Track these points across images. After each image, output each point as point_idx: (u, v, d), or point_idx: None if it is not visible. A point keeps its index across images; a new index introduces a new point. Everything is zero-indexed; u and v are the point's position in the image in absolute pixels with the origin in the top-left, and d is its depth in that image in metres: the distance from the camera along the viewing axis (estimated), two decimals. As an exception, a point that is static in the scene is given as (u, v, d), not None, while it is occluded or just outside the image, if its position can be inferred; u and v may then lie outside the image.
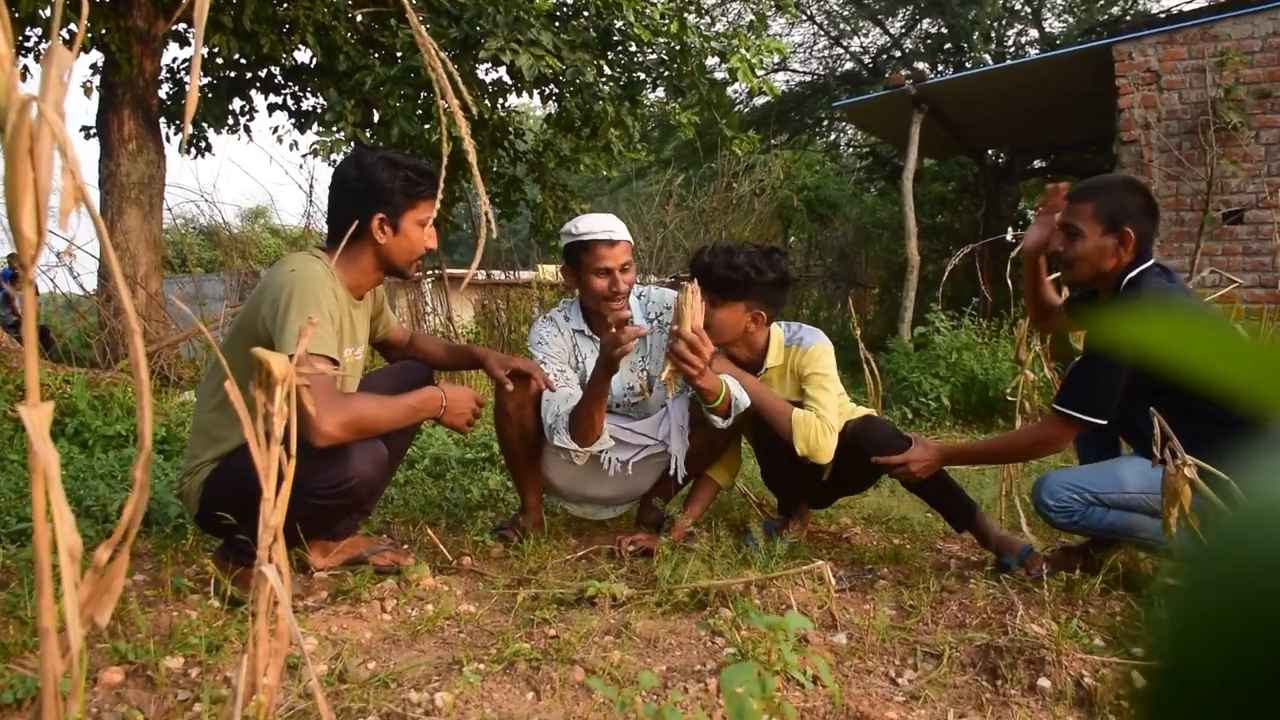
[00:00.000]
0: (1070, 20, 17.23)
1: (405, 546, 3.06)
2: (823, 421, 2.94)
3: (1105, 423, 2.59)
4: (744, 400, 2.99)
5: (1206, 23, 7.45)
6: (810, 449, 2.92)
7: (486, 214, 1.43)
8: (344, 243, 2.48)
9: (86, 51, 6.97)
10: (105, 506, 3.21)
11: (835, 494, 3.35)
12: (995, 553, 2.97)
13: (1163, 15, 13.33)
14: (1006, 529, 3.36)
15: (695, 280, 2.86)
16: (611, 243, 3.07)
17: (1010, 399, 4.18)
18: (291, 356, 1.35)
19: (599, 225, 3.09)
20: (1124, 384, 2.55)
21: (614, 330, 2.78)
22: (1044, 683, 2.04)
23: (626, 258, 3.12)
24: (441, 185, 2.28)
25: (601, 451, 3.08)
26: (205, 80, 8.11)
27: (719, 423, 3.00)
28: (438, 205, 2.52)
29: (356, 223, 2.53)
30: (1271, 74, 7.19)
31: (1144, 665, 0.30)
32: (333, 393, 2.38)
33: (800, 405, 3.02)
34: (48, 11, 6.00)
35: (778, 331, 3.19)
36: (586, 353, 3.24)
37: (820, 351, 3.12)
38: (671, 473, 3.19)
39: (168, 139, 7.49)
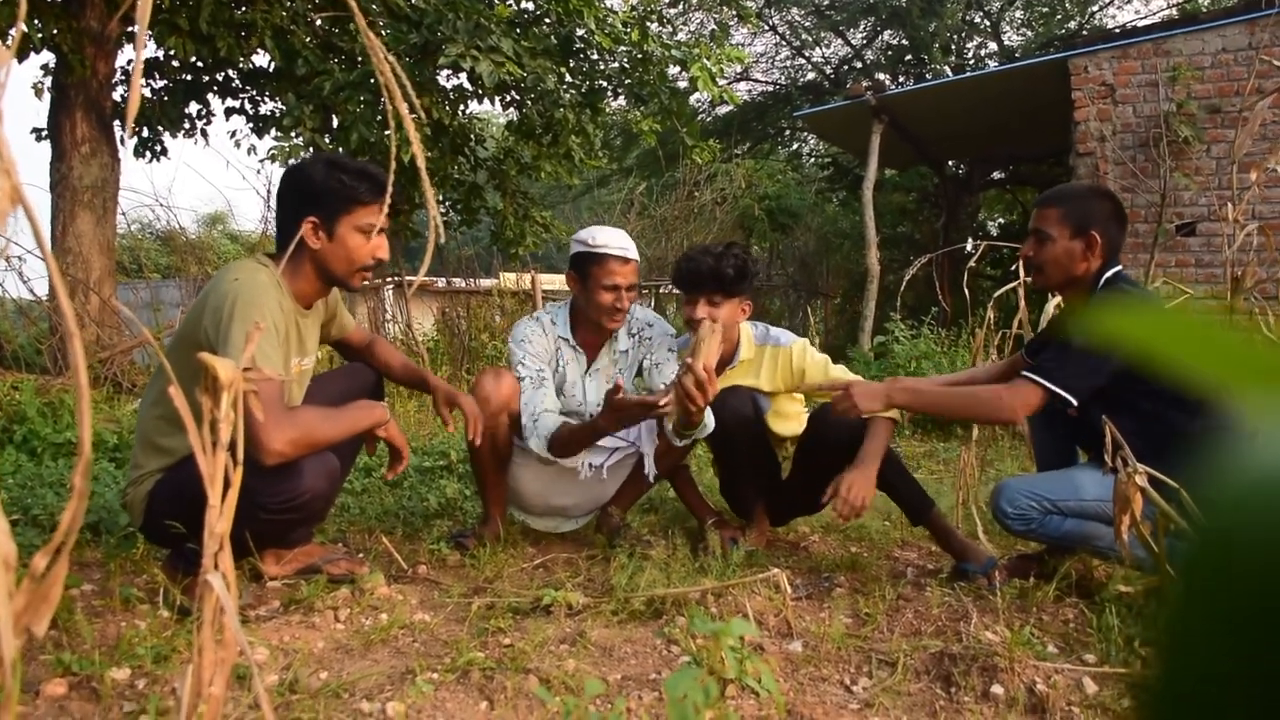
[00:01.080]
0: (1028, 34, 17.49)
1: (360, 555, 3.02)
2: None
3: (1075, 403, 2.57)
4: (710, 426, 3.02)
5: (1159, 38, 7.58)
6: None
7: (436, 220, 1.41)
8: (289, 250, 2.43)
9: (37, 52, 6.85)
10: (53, 515, 3.15)
11: (793, 510, 3.37)
12: (956, 557, 2.99)
13: (1118, 30, 13.58)
14: (963, 537, 3.39)
15: (710, 319, 2.85)
16: (625, 260, 3.09)
17: (967, 407, 4.21)
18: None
19: (615, 240, 3.10)
20: (1104, 375, 2.55)
21: (621, 396, 2.75)
22: (997, 690, 2.05)
23: (635, 278, 3.14)
24: (389, 191, 2.23)
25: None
26: (161, 83, 8.01)
27: (676, 442, 3.04)
28: (384, 213, 2.34)
29: (297, 228, 2.48)
30: (1221, 89, 7.32)
31: (1145, 655, 0.30)
32: (280, 409, 2.30)
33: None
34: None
35: (745, 327, 3.27)
36: (567, 360, 3.24)
37: (804, 346, 3.23)
38: (646, 471, 3.19)
39: (122, 142, 7.38)
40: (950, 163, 13.01)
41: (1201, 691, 0.27)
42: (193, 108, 8.29)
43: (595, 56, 8.10)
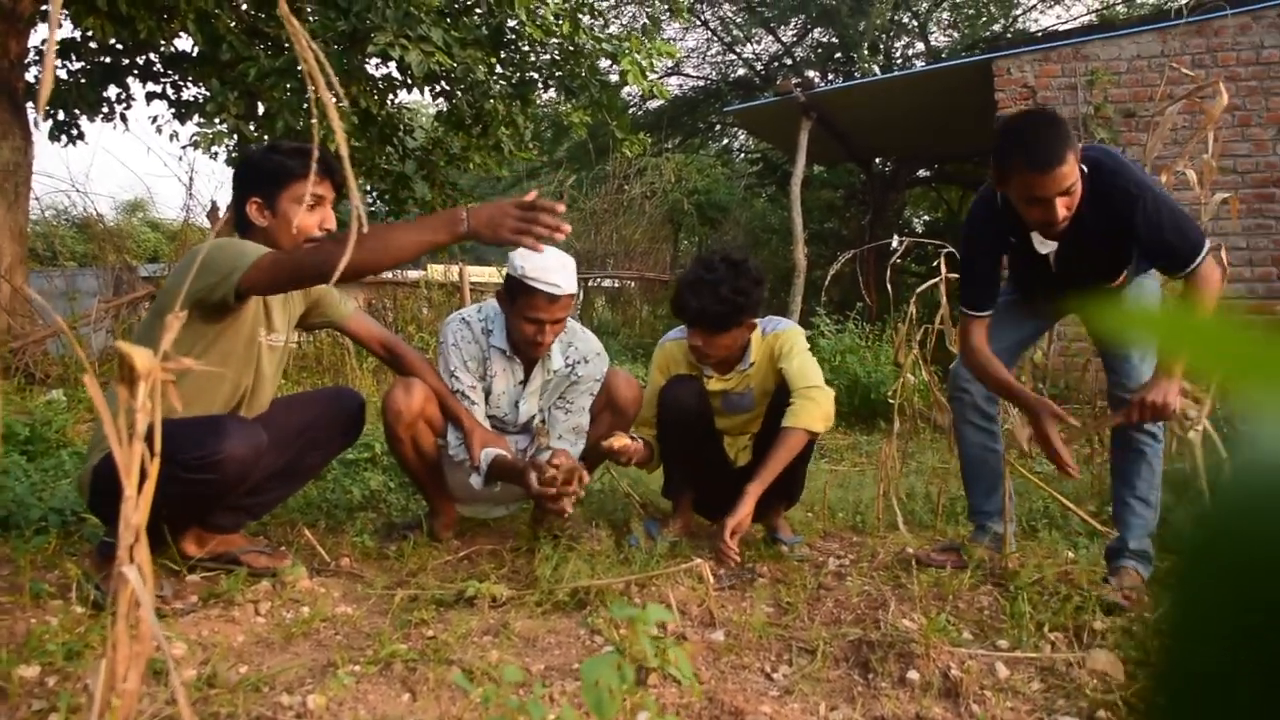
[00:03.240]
0: (955, 35, 17.81)
1: (282, 548, 2.99)
2: (816, 394, 3.04)
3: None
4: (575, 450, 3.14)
5: (1078, 43, 7.78)
6: (825, 417, 3.05)
7: (360, 211, 1.41)
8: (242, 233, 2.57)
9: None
10: (-39, 509, 3.06)
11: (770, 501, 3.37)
12: (774, 530, 3.27)
13: (1040, 34, 13.87)
14: (884, 528, 3.46)
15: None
16: (551, 298, 2.95)
17: (891, 401, 4.30)
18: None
19: (546, 275, 2.93)
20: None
21: (545, 478, 2.81)
22: (913, 675, 2.11)
23: (563, 314, 3.03)
24: (325, 165, 2.30)
25: None
26: (78, 65, 7.78)
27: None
28: (325, 185, 2.61)
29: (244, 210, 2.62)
30: (1136, 94, 7.53)
31: (1152, 628, 0.30)
32: (306, 250, 2.48)
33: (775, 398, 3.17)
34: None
35: (755, 333, 3.22)
36: (498, 370, 3.17)
37: (796, 333, 3.22)
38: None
39: (36, 125, 7.16)
40: (877, 160, 13.20)
41: (1204, 680, 0.28)
42: (112, 91, 8.07)
43: (526, 48, 8.08)
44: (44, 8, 7.07)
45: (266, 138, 6.93)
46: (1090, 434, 3.32)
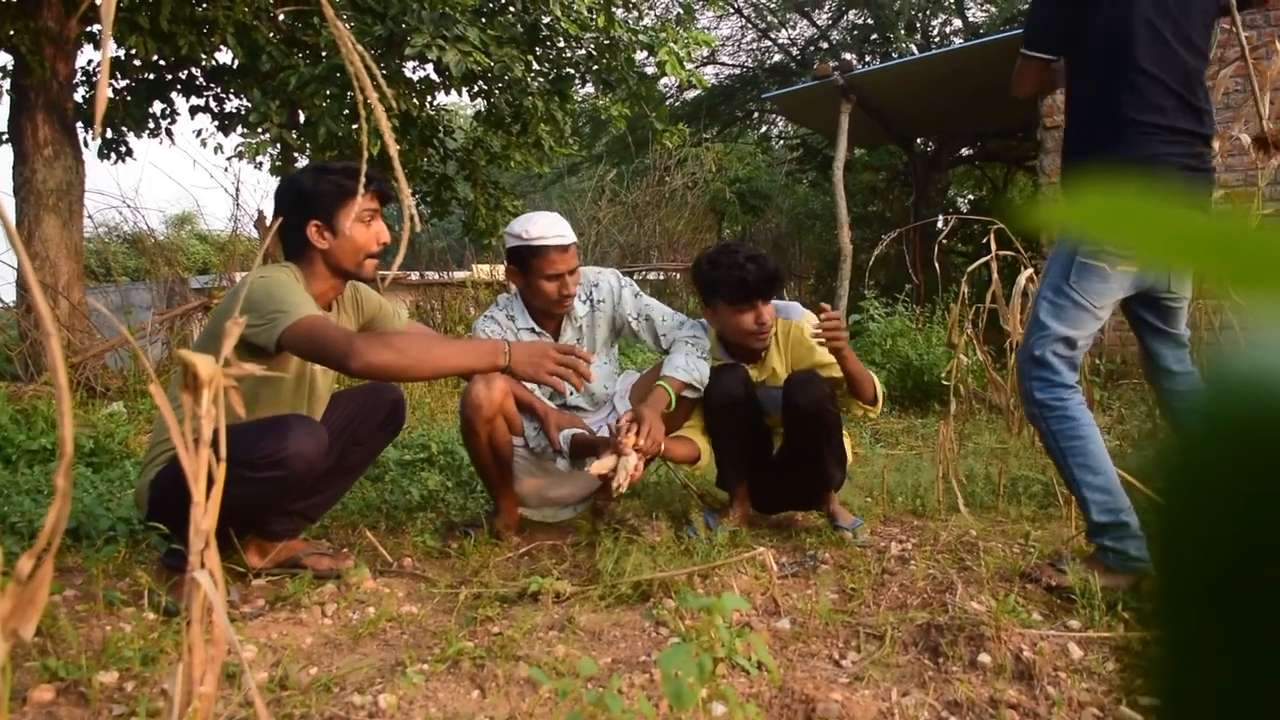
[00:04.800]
0: (992, 10, 17.53)
1: (344, 550, 3.02)
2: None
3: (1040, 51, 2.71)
4: (698, 376, 3.08)
5: (1122, 9, 7.62)
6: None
7: (411, 212, 1.41)
8: (297, 257, 2.65)
9: (-6, 53, 6.77)
10: (31, 522, 3.12)
11: (784, 496, 3.36)
12: (833, 517, 3.18)
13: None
14: (945, 510, 3.42)
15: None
16: (563, 248, 3.07)
17: (945, 382, 4.25)
18: (223, 360, 1.32)
19: (551, 230, 3.07)
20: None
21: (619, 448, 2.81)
22: (984, 658, 2.07)
23: (575, 261, 3.13)
24: (371, 179, 2.33)
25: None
26: (123, 83, 7.91)
27: (691, 395, 3.14)
28: (374, 198, 2.67)
29: (303, 234, 2.66)
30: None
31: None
32: (324, 335, 2.40)
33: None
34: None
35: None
36: None
37: (810, 321, 3.21)
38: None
39: (86, 144, 7.28)
40: (919, 140, 13.05)
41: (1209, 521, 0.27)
42: (156, 107, 8.19)
43: (562, 43, 8.07)
44: (89, 29, 7.19)
45: (309, 145, 6.99)
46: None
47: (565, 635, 2.28)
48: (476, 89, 8.09)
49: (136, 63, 7.69)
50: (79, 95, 7.38)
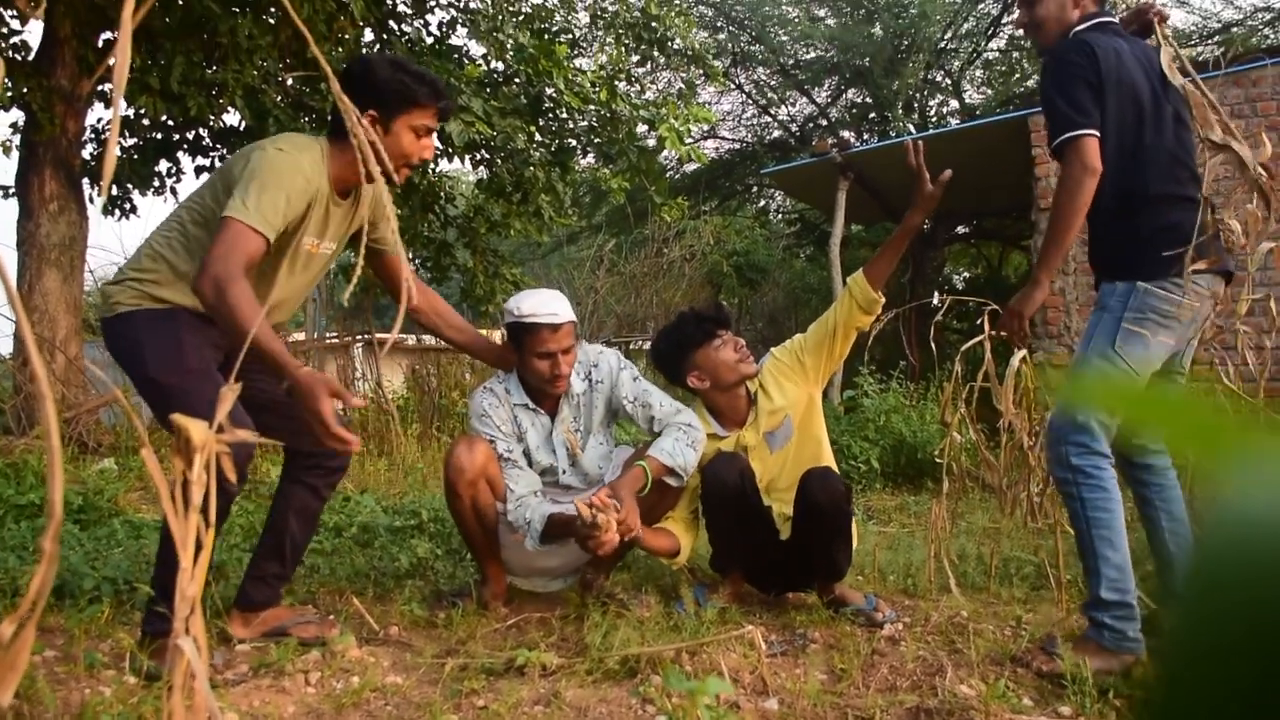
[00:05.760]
0: (989, 92, 17.86)
1: (331, 617, 2.98)
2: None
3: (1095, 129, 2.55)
4: (682, 463, 3.04)
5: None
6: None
7: (409, 280, 1.43)
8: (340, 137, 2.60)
9: (6, 110, 6.84)
10: (15, 580, 3.08)
11: (789, 578, 3.33)
12: (841, 602, 3.11)
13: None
14: (936, 590, 3.40)
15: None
16: (555, 327, 3.05)
17: (939, 460, 4.24)
18: (214, 425, 1.32)
19: (543, 308, 3.05)
20: (1087, 85, 2.57)
21: (589, 522, 2.77)
22: (973, 745, 2.05)
23: (569, 341, 3.10)
24: (440, 97, 2.54)
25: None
26: (131, 142, 8.00)
27: (673, 482, 3.11)
28: (435, 116, 2.66)
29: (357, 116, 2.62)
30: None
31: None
32: (237, 253, 2.36)
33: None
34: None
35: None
36: (527, 426, 3.23)
37: (781, 346, 3.42)
38: None
39: (91, 200, 7.35)
40: (915, 218, 13.16)
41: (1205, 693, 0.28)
42: (162, 166, 8.28)
43: (564, 115, 8.20)
44: (100, 88, 7.29)
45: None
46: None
47: (551, 711, 2.25)
48: (479, 157, 8.19)
49: (145, 122, 7.79)
50: (86, 152, 7.47)
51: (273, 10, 7.02)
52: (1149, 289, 2.55)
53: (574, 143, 8.37)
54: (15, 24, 7.01)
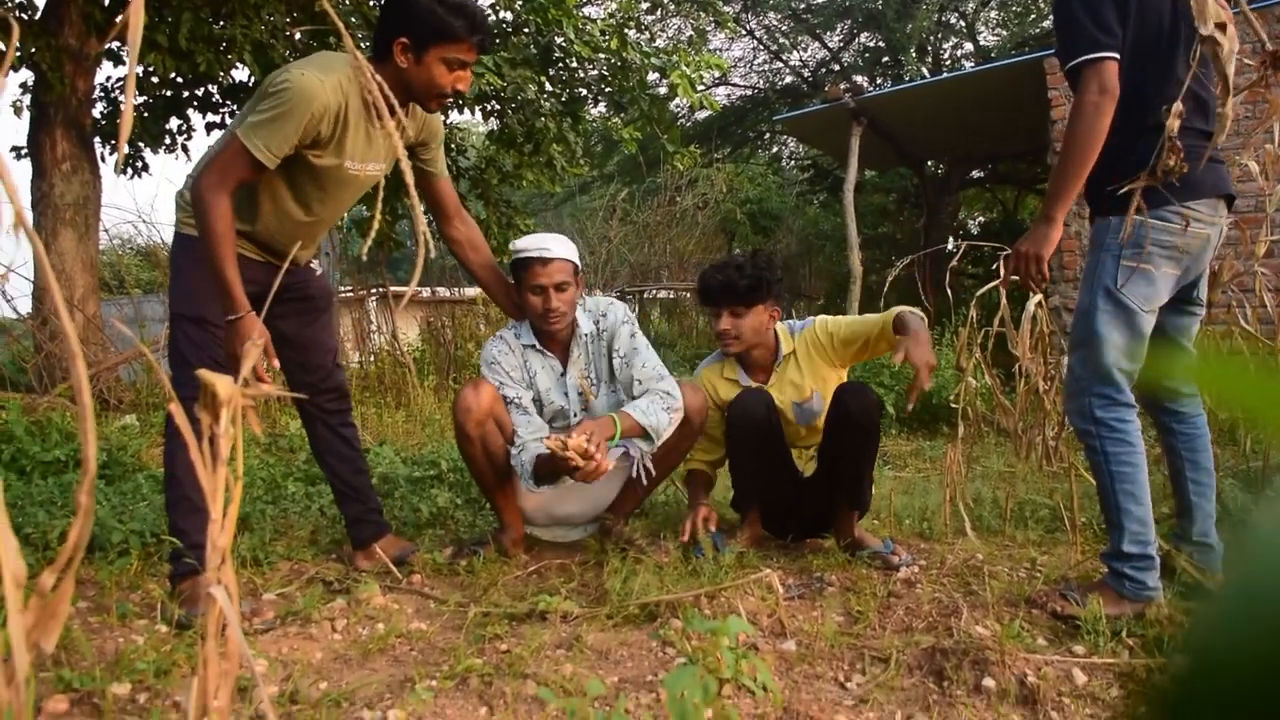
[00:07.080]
0: (1004, 34, 17.62)
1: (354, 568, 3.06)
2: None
3: (1118, 52, 2.40)
4: (653, 423, 3.06)
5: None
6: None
7: (424, 232, 1.44)
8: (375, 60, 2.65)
9: (16, 70, 6.84)
10: (45, 534, 3.14)
11: (812, 519, 3.36)
12: (858, 545, 3.16)
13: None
14: (951, 533, 3.43)
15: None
16: (545, 261, 3.08)
17: (954, 405, 4.26)
18: (241, 380, 1.35)
19: (534, 243, 3.12)
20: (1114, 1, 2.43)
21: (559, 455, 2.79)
22: (988, 682, 2.09)
23: (562, 276, 3.11)
24: (478, 31, 2.54)
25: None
26: (141, 99, 7.98)
27: (646, 448, 3.13)
28: (471, 51, 2.63)
29: (390, 43, 2.64)
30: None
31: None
32: (232, 170, 2.46)
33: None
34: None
35: (780, 327, 3.39)
36: (537, 369, 3.25)
37: (822, 319, 3.40)
38: (635, 474, 3.21)
39: (103, 159, 7.36)
40: (929, 162, 13.09)
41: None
42: (173, 123, 8.26)
43: (574, 65, 8.13)
44: (108, 46, 7.26)
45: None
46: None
47: (573, 654, 2.29)
48: (489, 109, 8.15)
49: (154, 80, 7.76)
50: (97, 111, 7.46)
51: (279, -37, 6.97)
52: (1147, 220, 2.45)
53: (585, 92, 8.31)
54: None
